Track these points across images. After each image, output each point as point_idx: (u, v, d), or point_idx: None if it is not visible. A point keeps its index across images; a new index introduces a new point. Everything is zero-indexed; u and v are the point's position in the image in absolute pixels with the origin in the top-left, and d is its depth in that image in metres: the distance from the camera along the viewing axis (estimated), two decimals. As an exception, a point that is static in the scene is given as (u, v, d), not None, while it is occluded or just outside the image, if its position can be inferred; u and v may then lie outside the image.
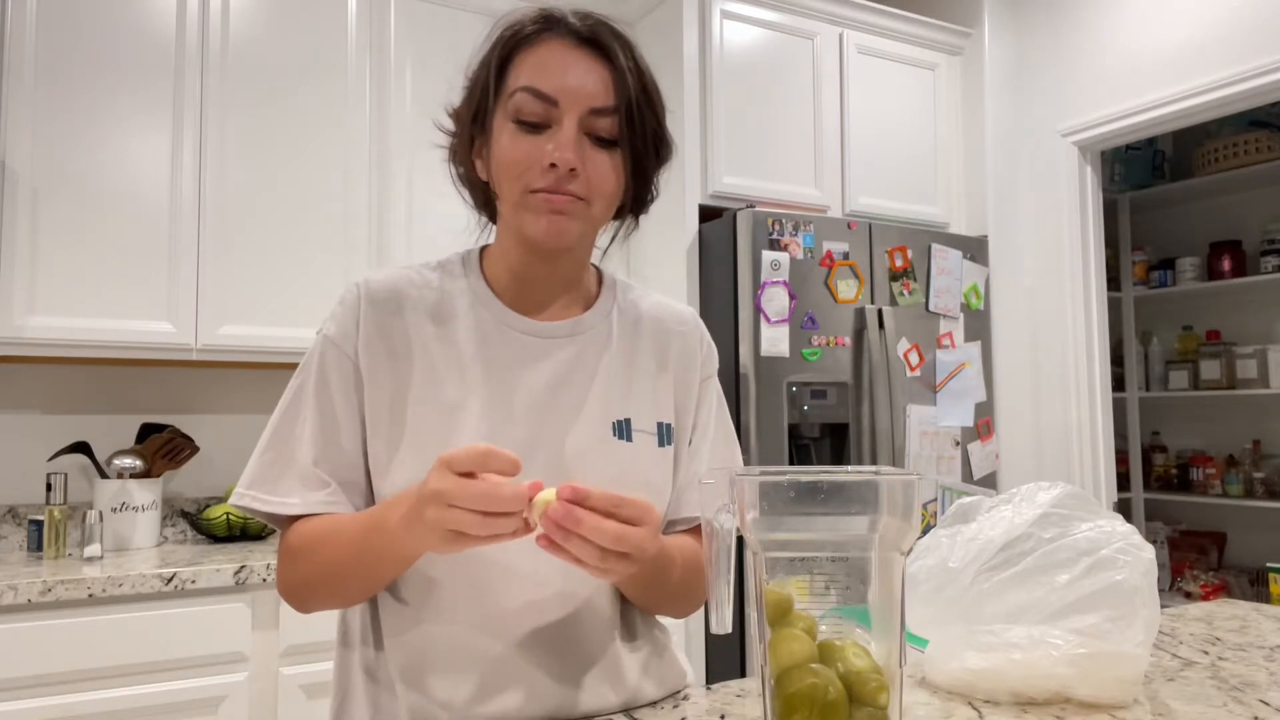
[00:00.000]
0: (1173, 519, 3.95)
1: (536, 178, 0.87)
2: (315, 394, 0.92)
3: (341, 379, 0.92)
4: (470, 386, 0.92)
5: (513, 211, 0.91)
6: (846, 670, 0.72)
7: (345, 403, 0.92)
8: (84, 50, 2.15)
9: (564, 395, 0.94)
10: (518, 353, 0.94)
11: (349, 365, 0.92)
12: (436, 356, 0.93)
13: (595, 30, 0.90)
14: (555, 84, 0.88)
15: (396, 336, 0.93)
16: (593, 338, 0.98)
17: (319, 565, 0.88)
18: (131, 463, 2.26)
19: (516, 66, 0.90)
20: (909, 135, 2.96)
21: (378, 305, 0.93)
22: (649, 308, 1.04)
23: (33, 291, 2.07)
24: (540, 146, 0.87)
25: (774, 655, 0.73)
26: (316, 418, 0.91)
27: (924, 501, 0.76)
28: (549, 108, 0.87)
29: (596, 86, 0.89)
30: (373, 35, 2.48)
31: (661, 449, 0.98)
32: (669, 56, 2.65)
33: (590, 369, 0.96)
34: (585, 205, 0.89)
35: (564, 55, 0.89)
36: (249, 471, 0.92)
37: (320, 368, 0.93)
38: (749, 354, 2.40)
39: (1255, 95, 2.52)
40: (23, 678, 1.77)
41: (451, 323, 0.95)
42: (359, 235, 2.42)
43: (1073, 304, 2.96)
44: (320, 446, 0.91)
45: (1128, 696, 0.87)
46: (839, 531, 0.73)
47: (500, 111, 0.90)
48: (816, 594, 0.74)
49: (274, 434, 0.93)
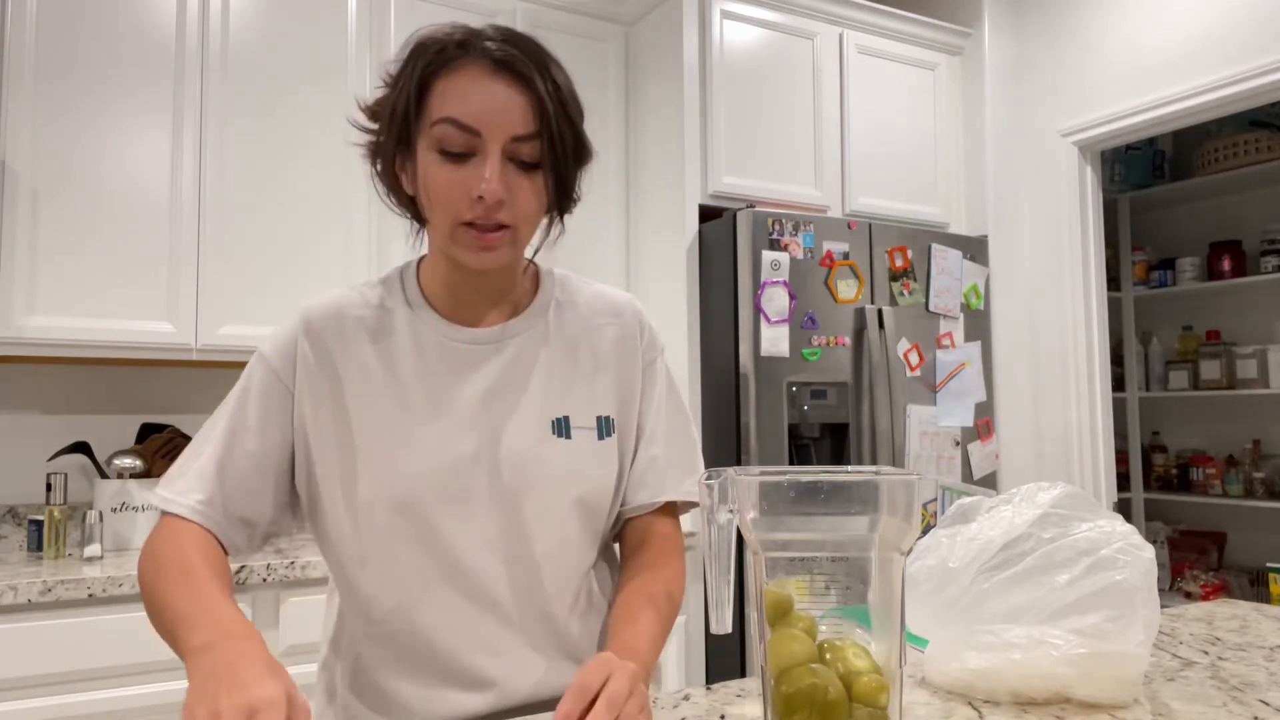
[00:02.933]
0: (1173, 519, 3.95)
1: (465, 209, 0.89)
2: (235, 403, 0.97)
3: (263, 393, 0.96)
4: (411, 401, 0.95)
5: (443, 242, 0.93)
6: (846, 670, 0.72)
7: (263, 417, 0.96)
8: (84, 50, 2.15)
9: (502, 400, 0.97)
10: (455, 362, 0.97)
11: (277, 385, 0.96)
12: (376, 374, 0.96)
13: (510, 57, 0.90)
14: (476, 115, 0.88)
15: (337, 358, 0.96)
16: (529, 339, 1.00)
17: (148, 583, 0.88)
18: (131, 463, 2.26)
19: (437, 94, 0.90)
20: (909, 135, 2.96)
21: (314, 332, 0.97)
22: (586, 300, 1.06)
23: (33, 291, 2.07)
24: (466, 178, 0.89)
25: (774, 655, 0.73)
26: (230, 427, 0.95)
27: (924, 501, 0.76)
28: (471, 138, 0.89)
29: (516, 115, 0.89)
30: (373, 35, 2.48)
31: (601, 442, 1.00)
32: (669, 56, 2.65)
33: (527, 370, 0.99)
34: (512, 232, 0.91)
35: (483, 84, 0.89)
36: (171, 469, 0.97)
37: (249, 383, 0.97)
38: (749, 354, 2.40)
39: (1255, 95, 2.52)
40: (23, 678, 1.77)
41: (390, 339, 0.98)
42: (359, 235, 2.42)
43: (1073, 304, 2.96)
44: (224, 449, 0.94)
45: (1128, 696, 0.87)
46: (839, 531, 0.73)
47: (423, 140, 0.91)
48: (816, 594, 0.74)
49: (196, 439, 0.98)
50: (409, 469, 0.93)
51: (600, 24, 2.80)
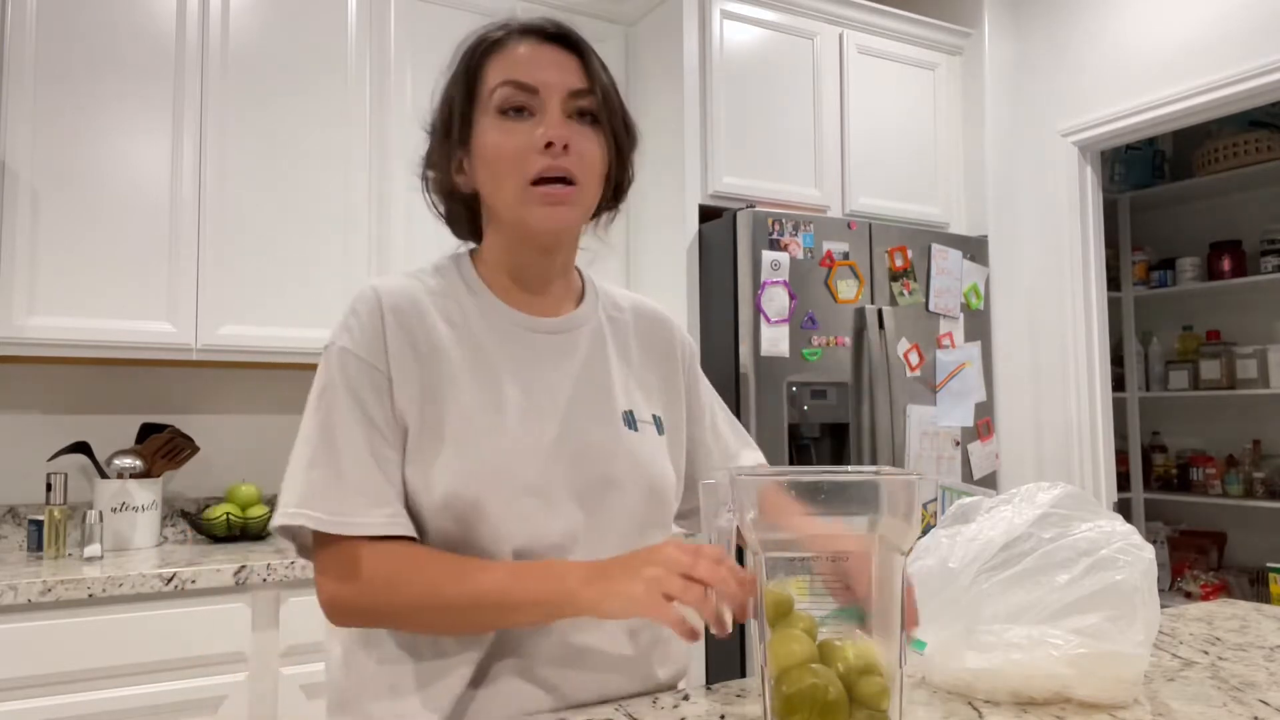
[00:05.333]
0: (1173, 519, 3.95)
1: (533, 161, 0.90)
2: (353, 408, 0.89)
3: (374, 388, 0.90)
4: (498, 387, 0.93)
5: (511, 208, 0.93)
6: (847, 670, 0.72)
7: (382, 411, 0.90)
8: (84, 50, 2.15)
9: (583, 389, 0.97)
10: (539, 350, 0.97)
11: (378, 375, 0.90)
12: (458, 359, 0.93)
13: (560, 27, 0.96)
14: (533, 75, 0.92)
15: (420, 341, 0.92)
16: (595, 330, 1.02)
17: (418, 597, 0.85)
18: (131, 463, 2.26)
19: (489, 69, 0.94)
20: (909, 135, 2.96)
21: (399, 312, 0.92)
22: (628, 304, 1.09)
23: (33, 291, 2.07)
24: (530, 131, 0.91)
25: (774, 655, 0.73)
26: (362, 431, 0.88)
27: (924, 501, 0.76)
28: (531, 96, 0.92)
29: (571, 72, 0.93)
30: (373, 35, 2.48)
31: (660, 438, 1.02)
32: (669, 56, 2.65)
33: (601, 361, 1.00)
34: (579, 189, 0.93)
35: (535, 50, 0.94)
36: (297, 489, 0.88)
37: (347, 381, 0.90)
38: (749, 354, 2.40)
39: (1255, 95, 2.52)
40: (23, 678, 1.77)
41: (466, 326, 0.95)
42: (359, 235, 2.42)
43: (1073, 304, 2.96)
44: (374, 461, 0.88)
45: (1128, 696, 0.87)
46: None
47: (481, 113, 0.93)
48: (816, 594, 0.74)
49: (316, 453, 0.88)
50: (495, 456, 0.90)
51: (600, 24, 2.81)
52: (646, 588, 0.75)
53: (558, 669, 0.94)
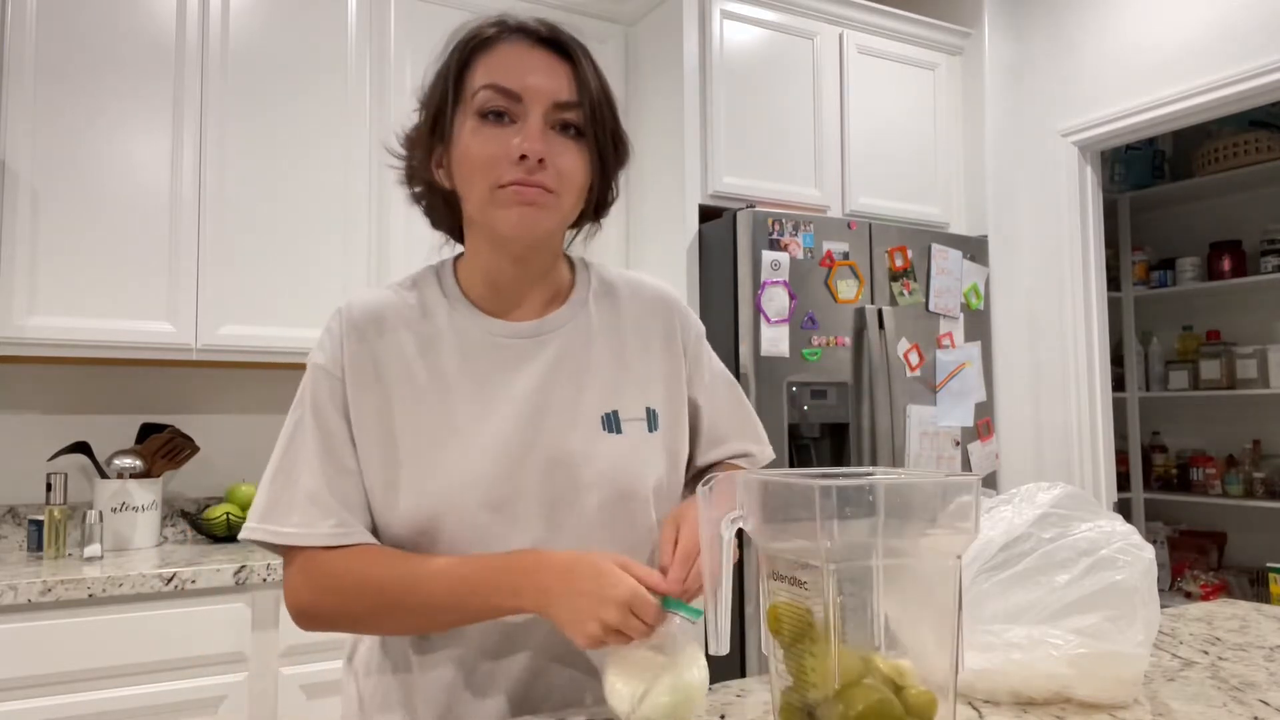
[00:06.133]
0: (1173, 519, 3.95)
1: (506, 171, 0.87)
2: (314, 421, 0.91)
3: (336, 403, 0.92)
4: (459, 401, 0.92)
5: (482, 209, 0.90)
6: (895, 685, 0.70)
7: (342, 425, 0.91)
8: (84, 50, 2.15)
9: (551, 396, 0.94)
10: (503, 359, 0.94)
11: (340, 388, 0.92)
12: (421, 375, 0.92)
13: (554, 31, 0.92)
14: (517, 81, 0.88)
15: (380, 358, 0.93)
16: (575, 330, 0.98)
17: (372, 600, 0.87)
18: (131, 463, 2.26)
19: (476, 69, 0.90)
20: (909, 135, 2.96)
21: (359, 329, 0.93)
22: (624, 288, 1.04)
23: (33, 291, 2.07)
24: (507, 140, 0.87)
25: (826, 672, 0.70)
26: (318, 443, 0.90)
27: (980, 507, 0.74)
28: (513, 103, 0.88)
29: (559, 82, 0.89)
30: (373, 35, 2.48)
31: (651, 435, 0.98)
32: (669, 56, 2.65)
33: (575, 364, 0.96)
34: (555, 197, 0.89)
35: (524, 54, 0.90)
36: (257, 504, 0.91)
37: (314, 395, 0.92)
38: (749, 354, 2.40)
39: (1255, 95, 2.52)
40: (23, 678, 1.76)
41: (434, 339, 0.94)
42: (359, 235, 2.42)
43: (1073, 304, 2.96)
44: (327, 473, 0.90)
45: (1128, 696, 0.87)
46: (846, 537, 0.72)
47: (462, 112, 0.90)
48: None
49: (279, 465, 0.91)
50: (454, 472, 0.90)
51: (600, 24, 2.81)
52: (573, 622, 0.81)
53: (559, 668, 0.94)
